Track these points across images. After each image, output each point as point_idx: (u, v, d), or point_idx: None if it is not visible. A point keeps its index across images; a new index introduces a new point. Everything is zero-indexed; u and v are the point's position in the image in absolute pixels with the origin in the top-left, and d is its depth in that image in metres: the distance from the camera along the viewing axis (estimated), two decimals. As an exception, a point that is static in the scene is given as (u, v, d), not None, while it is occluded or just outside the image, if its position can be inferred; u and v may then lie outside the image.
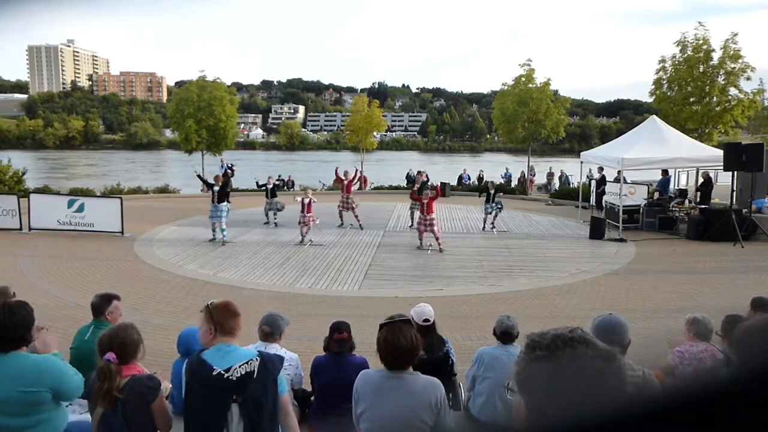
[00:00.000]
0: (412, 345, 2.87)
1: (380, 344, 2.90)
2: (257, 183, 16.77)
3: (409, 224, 15.82)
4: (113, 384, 2.80)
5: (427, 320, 4.42)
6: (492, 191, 15.21)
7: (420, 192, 13.47)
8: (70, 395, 3.05)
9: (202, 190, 21.43)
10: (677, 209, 15.41)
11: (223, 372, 2.71)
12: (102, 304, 4.36)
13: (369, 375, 3.05)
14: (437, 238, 12.79)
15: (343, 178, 15.68)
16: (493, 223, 15.34)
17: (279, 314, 4.35)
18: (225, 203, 13.46)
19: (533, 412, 1.02)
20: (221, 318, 2.86)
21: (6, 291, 4.63)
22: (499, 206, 15.28)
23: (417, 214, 15.39)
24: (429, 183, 17.13)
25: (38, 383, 2.86)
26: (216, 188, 13.41)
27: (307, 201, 13.25)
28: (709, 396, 0.70)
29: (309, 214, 13.23)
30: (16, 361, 2.88)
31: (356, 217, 15.45)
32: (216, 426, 2.71)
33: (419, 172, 20.80)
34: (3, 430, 2.83)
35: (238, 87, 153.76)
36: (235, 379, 2.71)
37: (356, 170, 17.26)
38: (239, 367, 2.74)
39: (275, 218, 15.79)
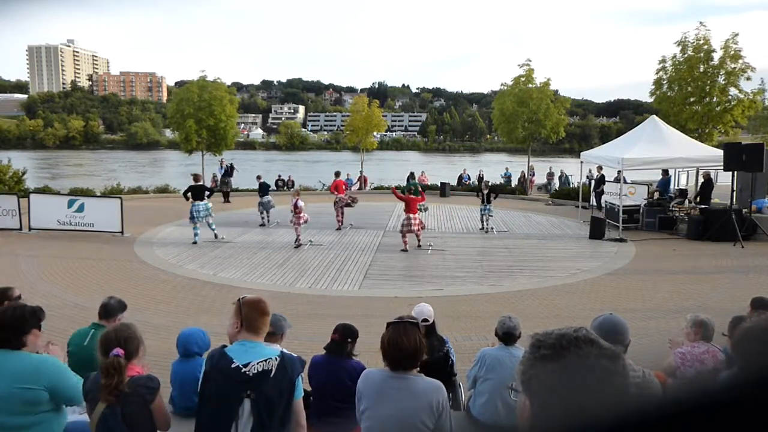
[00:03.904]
0: (415, 347, 2.86)
1: (384, 343, 2.90)
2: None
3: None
4: (122, 378, 2.80)
5: (426, 320, 4.41)
6: (486, 192, 15.13)
7: (405, 191, 13.62)
8: (67, 396, 3.05)
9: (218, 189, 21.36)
10: (677, 209, 15.40)
11: (241, 366, 2.75)
12: (119, 309, 4.23)
13: (372, 374, 3.04)
14: (418, 235, 13.14)
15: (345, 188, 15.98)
16: (487, 224, 15.31)
17: (282, 315, 4.33)
18: (204, 202, 13.58)
19: (538, 411, 1.01)
20: (249, 315, 2.88)
21: (9, 291, 4.61)
22: (490, 212, 15.31)
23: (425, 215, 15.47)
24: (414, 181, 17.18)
25: (36, 381, 2.89)
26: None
27: (294, 201, 13.25)
28: (711, 397, 0.69)
29: (299, 215, 13.20)
30: (15, 358, 2.93)
31: (342, 214, 15.52)
32: (227, 418, 2.74)
33: (422, 173, 21.00)
34: (1, 429, 2.84)
35: (238, 87, 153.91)
36: (251, 374, 2.73)
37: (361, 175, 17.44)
38: (257, 363, 2.76)
39: (267, 216, 15.78)
